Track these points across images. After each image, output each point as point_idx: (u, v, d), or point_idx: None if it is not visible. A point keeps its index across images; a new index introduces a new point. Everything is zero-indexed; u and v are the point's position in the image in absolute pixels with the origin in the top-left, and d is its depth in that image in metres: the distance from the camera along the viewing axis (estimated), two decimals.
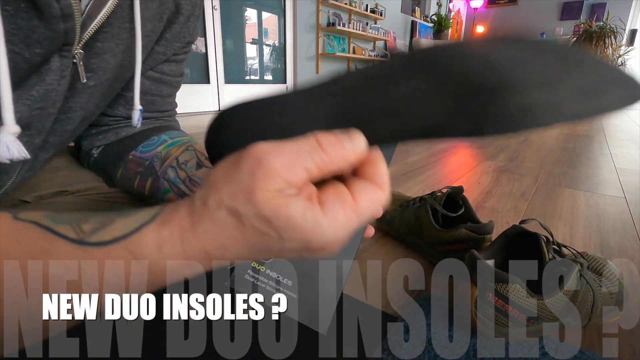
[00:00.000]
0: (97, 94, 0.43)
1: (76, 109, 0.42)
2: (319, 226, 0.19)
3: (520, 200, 0.93)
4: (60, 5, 0.31)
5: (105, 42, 0.39)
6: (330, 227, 0.19)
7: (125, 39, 0.41)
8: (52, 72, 0.35)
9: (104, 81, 0.42)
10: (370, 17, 4.91)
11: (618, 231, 0.75)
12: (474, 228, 0.55)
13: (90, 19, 0.36)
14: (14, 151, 0.31)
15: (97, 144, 0.53)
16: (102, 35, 0.38)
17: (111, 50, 0.40)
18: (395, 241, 0.67)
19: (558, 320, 0.41)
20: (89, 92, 0.41)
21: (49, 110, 0.37)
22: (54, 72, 0.35)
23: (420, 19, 6.31)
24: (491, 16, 6.98)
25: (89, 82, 0.40)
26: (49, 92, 0.36)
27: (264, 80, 3.93)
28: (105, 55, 0.40)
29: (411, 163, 1.30)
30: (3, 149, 0.31)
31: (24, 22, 0.30)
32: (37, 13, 0.30)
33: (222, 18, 3.23)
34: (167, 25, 0.48)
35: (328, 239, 0.20)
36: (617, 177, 1.17)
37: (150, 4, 0.43)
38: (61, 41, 0.34)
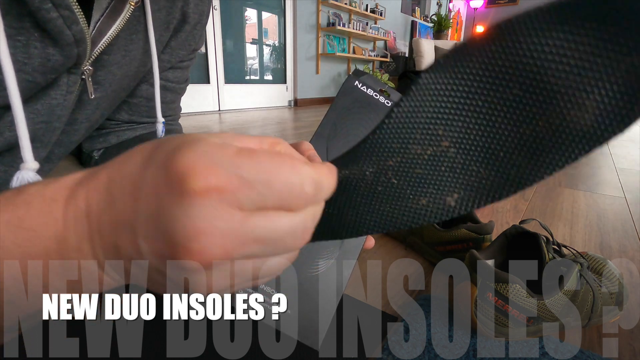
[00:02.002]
0: (103, 105, 0.43)
1: (82, 120, 0.42)
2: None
3: (520, 200, 0.93)
4: (72, 32, 0.31)
5: (112, 54, 0.39)
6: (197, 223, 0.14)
7: (132, 50, 0.41)
8: (59, 87, 0.35)
9: (110, 92, 0.42)
10: (370, 17, 4.91)
11: (618, 231, 0.75)
12: (474, 228, 0.55)
13: (100, 35, 0.36)
14: None
15: (98, 146, 0.53)
16: (110, 48, 0.38)
17: (118, 62, 0.40)
18: (395, 241, 0.67)
19: (558, 320, 0.41)
20: (95, 104, 0.42)
21: (54, 125, 0.37)
22: (60, 87, 0.35)
23: (420, 19, 6.31)
24: (491, 16, 6.98)
25: (96, 94, 0.40)
26: (54, 107, 0.36)
27: (264, 80, 3.93)
28: (112, 68, 0.40)
29: None
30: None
31: (37, 51, 0.30)
32: (51, 41, 0.31)
33: (222, 18, 3.23)
34: (174, 33, 0.48)
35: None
36: (617, 177, 1.17)
37: (158, 13, 0.43)
38: (73, 63, 0.34)
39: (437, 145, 0.18)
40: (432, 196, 0.19)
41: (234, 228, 0.15)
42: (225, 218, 0.14)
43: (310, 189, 0.16)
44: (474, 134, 0.18)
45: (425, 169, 0.18)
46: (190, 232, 0.14)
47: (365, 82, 0.36)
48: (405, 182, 0.19)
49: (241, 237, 0.15)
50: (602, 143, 0.16)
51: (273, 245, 0.16)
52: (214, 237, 0.14)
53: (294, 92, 4.17)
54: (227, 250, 0.15)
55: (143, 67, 0.46)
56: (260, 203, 0.15)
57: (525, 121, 0.17)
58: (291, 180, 0.15)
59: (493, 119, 0.17)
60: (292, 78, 4.12)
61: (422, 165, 0.18)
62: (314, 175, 0.16)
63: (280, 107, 4.01)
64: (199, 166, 0.14)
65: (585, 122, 0.16)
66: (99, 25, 0.35)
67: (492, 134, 0.17)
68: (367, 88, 0.36)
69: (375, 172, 0.19)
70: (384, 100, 0.35)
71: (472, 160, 0.18)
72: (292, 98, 4.18)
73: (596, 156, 1.52)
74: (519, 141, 0.17)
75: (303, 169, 0.16)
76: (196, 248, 0.14)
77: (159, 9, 0.42)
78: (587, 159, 1.47)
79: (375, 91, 0.36)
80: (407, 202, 0.19)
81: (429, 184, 0.18)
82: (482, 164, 0.18)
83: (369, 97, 0.35)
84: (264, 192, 0.15)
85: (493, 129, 0.17)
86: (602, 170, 1.26)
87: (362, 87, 0.36)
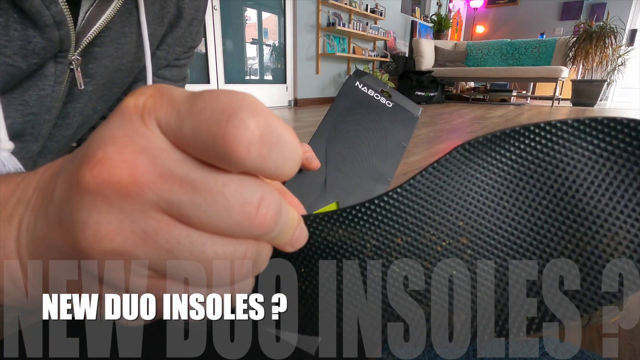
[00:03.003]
0: (95, 98, 0.43)
1: (74, 114, 0.42)
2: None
3: None
4: (51, 13, 0.30)
5: (103, 46, 0.39)
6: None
7: (124, 43, 0.41)
8: (46, 77, 0.34)
9: (101, 86, 0.42)
10: (370, 17, 4.91)
11: None
12: None
13: (89, 25, 0.35)
14: (9, 167, 0.31)
15: None
16: (100, 40, 0.38)
17: (110, 55, 0.40)
18: None
19: None
20: (86, 97, 0.41)
21: (43, 117, 0.37)
22: (48, 77, 0.35)
23: (420, 19, 6.31)
24: (491, 16, 6.98)
25: (87, 87, 0.40)
26: (42, 97, 0.35)
27: (264, 80, 3.93)
28: (104, 60, 0.40)
29: (411, 163, 1.30)
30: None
31: (17, 33, 0.30)
32: (30, 23, 0.30)
33: (222, 18, 3.23)
34: (169, 29, 0.48)
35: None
36: None
37: (151, 7, 0.42)
38: (57, 48, 0.33)
39: (452, 238, 0.15)
40: (437, 311, 0.15)
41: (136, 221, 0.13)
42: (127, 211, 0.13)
43: (270, 218, 0.13)
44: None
45: (433, 265, 0.15)
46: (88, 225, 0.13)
47: (366, 82, 0.35)
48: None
49: (144, 239, 0.13)
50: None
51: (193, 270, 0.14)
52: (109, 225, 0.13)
53: (294, 92, 4.18)
54: (126, 246, 0.13)
55: (137, 62, 0.45)
56: (179, 210, 0.13)
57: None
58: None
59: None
60: (292, 78, 4.12)
61: (432, 258, 0.15)
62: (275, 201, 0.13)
63: (280, 107, 4.01)
64: (105, 158, 0.13)
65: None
66: (89, 15, 0.35)
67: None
68: (368, 89, 0.35)
69: (377, 247, 0.15)
70: (385, 101, 0.35)
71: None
72: (292, 98, 4.18)
73: None
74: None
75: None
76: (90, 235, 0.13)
77: (152, 2, 0.42)
78: None
79: (376, 92, 0.35)
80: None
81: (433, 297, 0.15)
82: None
83: (369, 98, 0.35)
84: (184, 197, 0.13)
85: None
86: None
87: (363, 87, 0.35)
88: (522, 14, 6.62)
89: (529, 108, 4.35)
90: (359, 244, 0.16)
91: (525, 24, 6.58)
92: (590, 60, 4.71)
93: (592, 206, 0.14)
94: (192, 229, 0.13)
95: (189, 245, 0.13)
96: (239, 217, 0.13)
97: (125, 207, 0.13)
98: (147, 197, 0.13)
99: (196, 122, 0.12)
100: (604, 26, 4.71)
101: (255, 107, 0.12)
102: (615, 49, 4.76)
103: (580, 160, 0.14)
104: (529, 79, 4.87)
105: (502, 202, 0.15)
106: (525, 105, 4.84)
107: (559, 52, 4.98)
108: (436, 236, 0.15)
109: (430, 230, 0.15)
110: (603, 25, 4.73)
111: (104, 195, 0.13)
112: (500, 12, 6.88)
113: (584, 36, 4.73)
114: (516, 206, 0.15)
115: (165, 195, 0.13)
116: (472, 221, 0.15)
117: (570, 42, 4.86)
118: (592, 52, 4.67)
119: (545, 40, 5.21)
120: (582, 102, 4.77)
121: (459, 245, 0.15)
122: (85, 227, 0.13)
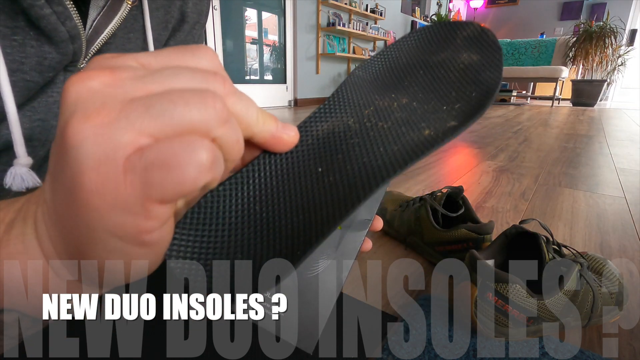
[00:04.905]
0: None
1: None
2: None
3: (520, 200, 0.93)
4: (67, 28, 0.31)
5: (109, 52, 0.39)
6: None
7: (129, 49, 0.41)
8: (55, 85, 0.35)
9: None
10: (370, 17, 4.91)
11: (618, 231, 0.75)
12: (473, 228, 0.55)
13: (96, 34, 0.36)
14: (28, 181, 0.32)
15: None
16: (107, 46, 0.38)
17: None
18: (395, 241, 0.67)
19: (558, 320, 0.41)
20: None
21: (51, 122, 0.37)
22: (57, 85, 0.35)
23: (420, 19, 6.31)
24: (491, 16, 6.98)
25: None
26: (50, 104, 0.36)
27: (264, 80, 3.93)
28: None
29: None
30: (18, 181, 0.31)
31: (34, 50, 0.30)
32: (46, 39, 0.31)
33: (222, 18, 3.23)
34: (172, 33, 0.48)
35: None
36: (617, 177, 1.17)
37: (156, 12, 0.43)
38: (69, 60, 0.34)
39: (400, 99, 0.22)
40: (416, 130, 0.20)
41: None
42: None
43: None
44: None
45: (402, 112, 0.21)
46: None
47: None
48: (394, 123, 0.21)
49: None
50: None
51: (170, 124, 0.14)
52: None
53: (294, 92, 4.17)
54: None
55: None
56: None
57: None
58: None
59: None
60: (292, 78, 4.12)
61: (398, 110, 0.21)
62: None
63: (280, 107, 4.01)
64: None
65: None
66: (96, 24, 0.35)
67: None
68: None
69: (358, 120, 0.21)
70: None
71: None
72: (292, 98, 4.18)
73: (596, 156, 1.53)
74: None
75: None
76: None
77: (157, 8, 0.42)
78: (587, 159, 1.47)
79: None
80: (411, 135, 0.19)
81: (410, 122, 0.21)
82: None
83: None
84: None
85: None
86: (602, 170, 1.26)
87: None
88: (522, 14, 6.62)
89: (529, 108, 4.34)
90: (344, 124, 0.22)
91: (525, 24, 6.58)
92: (590, 60, 4.71)
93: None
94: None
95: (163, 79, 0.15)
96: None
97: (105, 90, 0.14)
98: (122, 87, 0.14)
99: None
100: (603, 26, 4.71)
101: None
102: (615, 49, 4.76)
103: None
104: (529, 79, 4.87)
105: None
106: (525, 105, 4.83)
107: (559, 52, 4.98)
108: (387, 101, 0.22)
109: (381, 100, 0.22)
110: (603, 25, 4.73)
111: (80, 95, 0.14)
112: (500, 12, 6.87)
113: (583, 36, 4.73)
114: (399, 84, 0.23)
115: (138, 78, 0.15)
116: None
117: (570, 42, 4.86)
118: (592, 52, 4.66)
119: (545, 40, 5.20)
120: (582, 102, 4.77)
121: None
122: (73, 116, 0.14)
